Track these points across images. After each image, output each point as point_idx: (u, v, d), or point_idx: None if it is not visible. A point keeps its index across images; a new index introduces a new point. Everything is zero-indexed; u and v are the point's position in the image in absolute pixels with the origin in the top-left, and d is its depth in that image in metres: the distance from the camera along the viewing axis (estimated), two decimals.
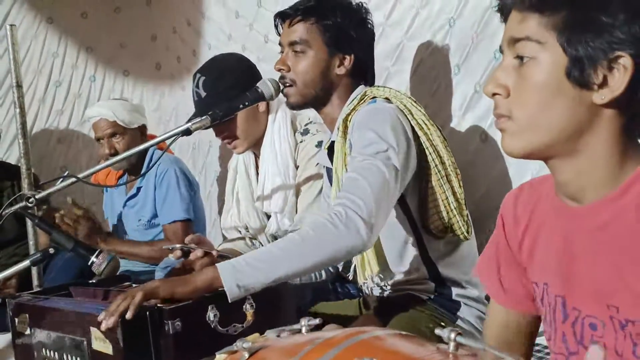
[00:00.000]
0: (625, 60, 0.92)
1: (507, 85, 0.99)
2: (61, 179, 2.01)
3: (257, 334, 1.06)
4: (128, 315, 1.45)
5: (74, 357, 1.61)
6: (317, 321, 1.06)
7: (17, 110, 2.63)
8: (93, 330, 1.52)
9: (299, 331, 1.03)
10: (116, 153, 2.95)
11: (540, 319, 1.16)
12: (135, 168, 3.03)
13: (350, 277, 2.00)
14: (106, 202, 3.33)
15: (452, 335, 0.77)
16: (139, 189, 3.08)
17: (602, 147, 0.96)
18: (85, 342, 1.56)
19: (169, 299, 1.52)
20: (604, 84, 0.93)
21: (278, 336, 1.04)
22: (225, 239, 2.54)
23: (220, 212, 3.51)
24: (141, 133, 3.09)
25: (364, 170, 1.64)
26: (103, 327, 1.46)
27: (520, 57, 0.98)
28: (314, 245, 1.54)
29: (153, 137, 3.31)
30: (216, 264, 1.53)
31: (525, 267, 1.11)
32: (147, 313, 1.45)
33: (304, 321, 1.04)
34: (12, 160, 3.63)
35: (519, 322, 1.17)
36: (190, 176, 3.09)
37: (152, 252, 2.93)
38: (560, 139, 0.97)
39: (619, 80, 0.92)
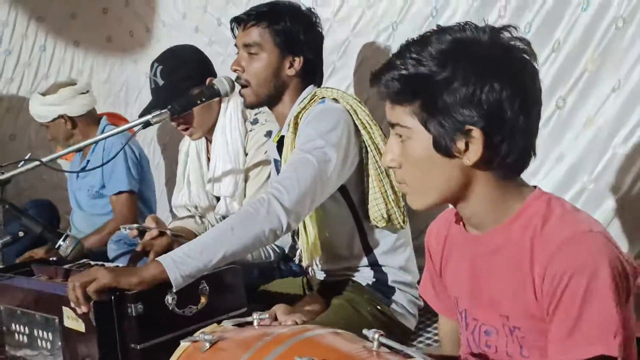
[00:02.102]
0: (475, 133, 1.09)
1: (397, 159, 1.17)
2: (23, 162, 2.13)
3: (215, 324, 1.24)
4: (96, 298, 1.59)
5: (44, 333, 1.74)
6: (266, 315, 1.25)
7: None
8: (65, 309, 1.65)
9: (252, 323, 1.21)
10: (54, 139, 3.22)
11: None
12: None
13: (297, 261, 2.19)
14: (69, 176, 3.44)
15: (376, 336, 0.97)
16: (88, 160, 3.19)
17: (486, 193, 1.16)
18: (57, 320, 1.69)
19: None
20: (467, 149, 1.11)
21: (234, 326, 1.22)
22: (174, 216, 2.68)
23: (167, 183, 3.65)
24: (65, 121, 3.15)
25: (296, 163, 1.84)
26: (79, 311, 1.60)
27: (400, 136, 1.17)
28: (240, 230, 1.72)
29: (111, 114, 3.44)
30: (158, 259, 1.67)
31: (445, 284, 1.34)
32: (112, 297, 1.60)
33: (255, 315, 1.23)
34: None
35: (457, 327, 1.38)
36: (137, 149, 3.21)
37: (101, 242, 2.99)
38: (448, 195, 1.17)
39: (475, 147, 1.11)
